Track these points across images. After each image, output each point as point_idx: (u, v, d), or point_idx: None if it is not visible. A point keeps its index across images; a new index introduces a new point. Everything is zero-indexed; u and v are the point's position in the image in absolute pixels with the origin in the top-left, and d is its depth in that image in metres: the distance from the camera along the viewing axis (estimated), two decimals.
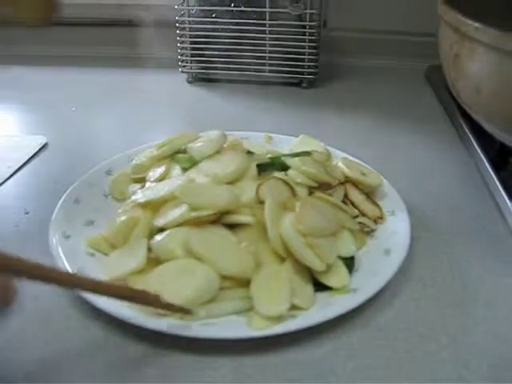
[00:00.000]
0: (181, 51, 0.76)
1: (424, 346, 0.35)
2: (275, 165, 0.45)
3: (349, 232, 0.42)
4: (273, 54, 0.73)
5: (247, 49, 0.73)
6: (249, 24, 0.71)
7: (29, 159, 0.56)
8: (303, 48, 0.72)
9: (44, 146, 0.59)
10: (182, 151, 0.48)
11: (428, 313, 0.37)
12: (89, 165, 0.50)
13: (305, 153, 0.47)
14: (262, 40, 0.72)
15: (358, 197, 0.45)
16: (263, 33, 0.71)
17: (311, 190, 0.43)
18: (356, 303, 0.35)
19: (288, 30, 0.72)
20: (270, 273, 0.36)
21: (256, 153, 0.49)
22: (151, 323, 0.33)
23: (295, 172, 0.44)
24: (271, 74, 0.74)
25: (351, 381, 0.32)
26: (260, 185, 0.41)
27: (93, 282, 0.31)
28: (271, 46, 0.72)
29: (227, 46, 0.73)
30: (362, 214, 0.44)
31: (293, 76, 0.74)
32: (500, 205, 0.48)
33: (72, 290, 0.37)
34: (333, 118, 0.67)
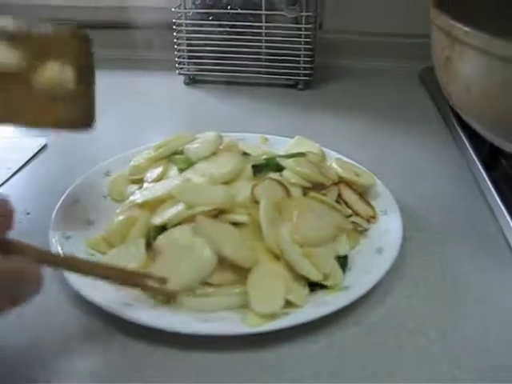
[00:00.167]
0: (178, 53, 0.76)
1: (414, 342, 0.35)
2: (270, 166, 0.46)
3: (343, 232, 0.42)
4: (269, 56, 0.74)
5: (244, 51, 0.73)
6: (245, 26, 0.72)
7: (28, 160, 0.57)
8: (299, 50, 0.73)
9: (43, 148, 0.59)
10: (179, 152, 0.49)
11: (419, 310, 0.38)
12: (88, 166, 0.50)
13: (299, 154, 0.47)
14: (259, 42, 0.73)
15: (352, 197, 0.45)
16: (259, 35, 0.72)
17: (305, 191, 0.44)
18: (349, 300, 0.36)
19: (284, 33, 0.73)
20: (265, 271, 0.37)
21: (252, 154, 0.49)
22: (147, 320, 0.34)
23: (290, 173, 0.44)
24: (267, 76, 0.75)
25: (344, 376, 0.33)
26: (255, 185, 0.41)
27: (80, 262, 0.32)
28: (267, 48, 0.73)
29: (224, 48, 0.74)
30: (356, 214, 0.44)
31: (289, 78, 0.75)
32: (491, 205, 0.49)
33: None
34: (328, 120, 0.67)
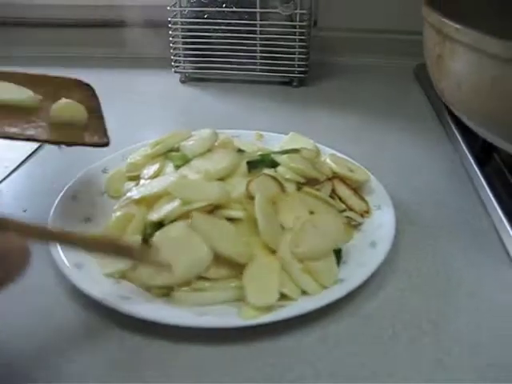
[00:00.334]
0: (174, 51, 0.77)
1: (407, 334, 0.36)
2: (265, 162, 0.46)
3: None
4: (264, 54, 0.74)
5: (239, 49, 0.74)
6: (240, 24, 0.72)
7: (25, 159, 0.57)
8: (293, 47, 0.73)
9: (40, 147, 0.59)
10: (175, 149, 0.49)
11: (412, 302, 0.39)
12: (84, 164, 0.51)
13: (293, 150, 0.48)
14: (253, 40, 0.73)
15: (346, 192, 0.46)
16: (254, 33, 0.73)
17: (300, 186, 0.44)
18: (343, 293, 0.37)
19: (279, 30, 0.73)
20: (261, 265, 0.37)
21: (246, 150, 0.50)
22: (144, 313, 0.34)
23: (284, 168, 0.45)
24: (262, 74, 0.75)
25: (338, 367, 0.34)
26: (250, 181, 0.42)
27: (77, 237, 0.32)
28: (262, 46, 0.74)
29: (219, 46, 0.75)
30: (350, 209, 0.45)
31: (283, 75, 0.75)
32: (483, 200, 0.50)
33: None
34: (323, 116, 0.68)
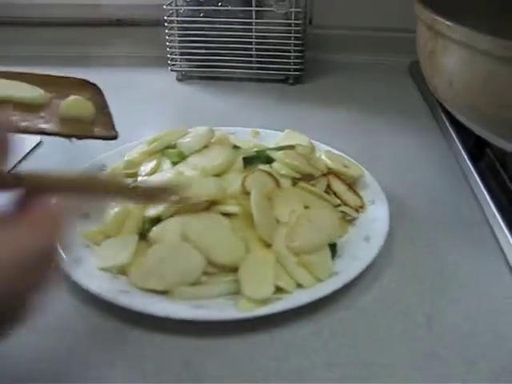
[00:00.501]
0: (170, 50, 0.77)
1: (402, 325, 0.37)
2: (260, 158, 0.47)
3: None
4: (260, 52, 0.75)
5: (235, 47, 0.74)
6: (236, 23, 0.73)
7: (24, 157, 0.57)
8: (289, 45, 0.74)
9: (39, 144, 0.60)
10: (172, 146, 0.50)
11: (406, 295, 0.39)
12: (83, 162, 0.51)
13: (289, 146, 0.49)
14: (249, 38, 0.74)
15: (340, 187, 0.46)
16: (250, 31, 0.73)
17: (295, 181, 0.45)
18: (338, 285, 0.37)
19: (274, 29, 0.74)
20: (257, 258, 0.38)
21: (242, 147, 0.50)
22: (142, 306, 0.35)
23: (279, 164, 0.45)
24: (258, 72, 0.76)
25: (334, 358, 0.34)
26: (246, 177, 0.43)
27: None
28: (258, 44, 0.74)
29: (215, 45, 0.75)
30: (344, 204, 0.45)
31: (279, 73, 0.76)
32: (477, 194, 0.50)
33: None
34: (318, 113, 0.68)
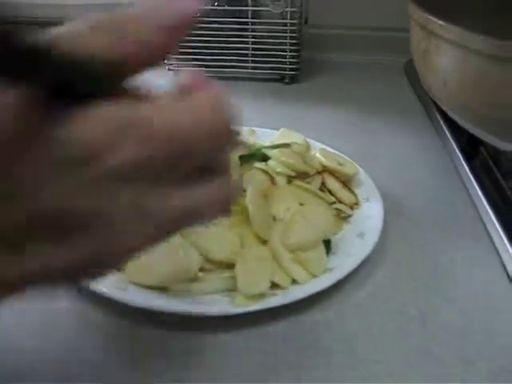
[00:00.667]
0: None
1: (395, 321, 0.37)
2: (256, 156, 0.47)
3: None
4: (256, 52, 0.75)
5: (231, 46, 0.75)
6: (232, 22, 0.73)
7: None
8: (285, 45, 0.74)
9: None
10: None
11: (400, 291, 0.40)
12: None
13: (284, 144, 0.49)
14: (245, 38, 0.74)
15: (335, 185, 0.47)
16: (246, 31, 0.73)
17: (290, 179, 0.45)
18: (332, 281, 0.38)
19: (270, 28, 0.74)
20: (253, 255, 0.38)
21: None
22: (140, 302, 0.35)
23: (275, 162, 0.46)
24: (254, 71, 0.76)
25: (328, 353, 0.35)
26: (242, 175, 0.43)
27: None
28: (254, 44, 0.74)
29: (211, 44, 0.75)
30: (339, 201, 0.46)
31: (275, 72, 0.76)
32: (470, 192, 0.51)
33: None
34: (314, 112, 0.69)
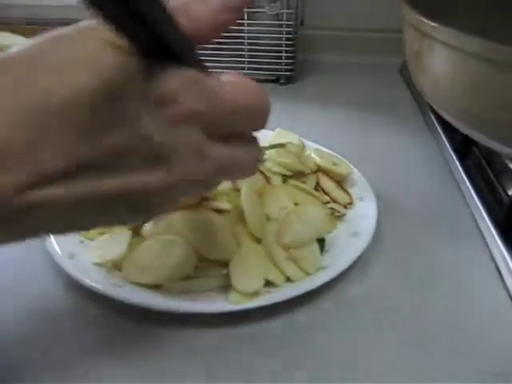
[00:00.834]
0: None
1: (390, 318, 0.38)
2: None
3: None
4: (251, 52, 0.75)
5: (227, 47, 0.75)
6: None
7: None
8: (280, 46, 0.75)
9: None
10: None
11: (394, 289, 0.40)
12: None
13: (280, 145, 0.49)
14: (241, 39, 0.74)
15: (329, 184, 0.47)
16: (242, 32, 0.74)
17: (285, 178, 0.46)
18: (326, 279, 0.38)
19: (266, 29, 0.75)
20: (247, 253, 0.39)
21: None
22: (135, 299, 0.36)
23: (270, 162, 0.46)
24: (250, 72, 0.76)
25: (322, 350, 0.35)
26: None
27: None
28: (250, 45, 0.75)
29: (208, 46, 0.76)
30: (333, 201, 0.46)
31: (271, 73, 0.77)
32: (463, 191, 0.51)
33: None
34: (309, 113, 0.69)
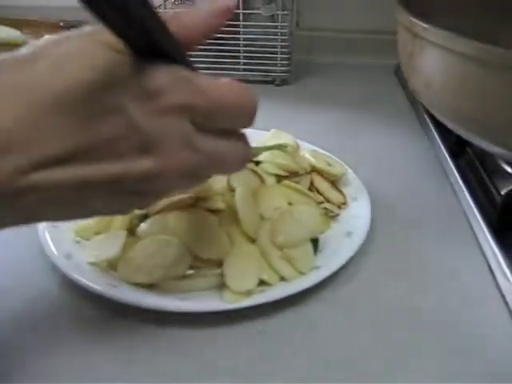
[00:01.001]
0: None
1: (381, 316, 0.38)
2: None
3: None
4: (247, 54, 0.76)
5: (222, 49, 0.76)
6: (223, 25, 0.74)
7: None
8: (276, 47, 0.75)
9: None
10: None
11: (386, 289, 0.41)
12: None
13: (275, 146, 0.50)
14: (237, 40, 0.75)
15: (323, 185, 0.48)
16: (237, 33, 0.74)
17: (280, 179, 0.46)
18: (319, 278, 0.39)
19: (261, 31, 0.75)
20: (241, 252, 0.39)
21: None
22: (131, 299, 0.36)
23: (266, 163, 0.47)
24: (245, 73, 0.77)
25: (314, 348, 0.36)
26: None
27: None
28: (245, 46, 0.75)
29: (203, 47, 0.76)
30: (327, 201, 0.47)
31: (266, 74, 0.77)
32: (456, 191, 0.52)
33: None
34: (304, 114, 0.70)
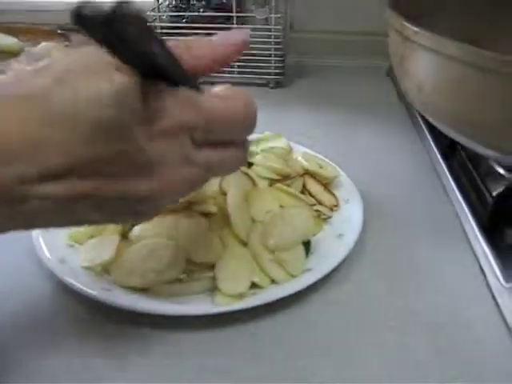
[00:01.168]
0: None
1: (373, 317, 0.38)
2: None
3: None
4: (241, 57, 0.76)
5: None
6: (217, 28, 0.74)
7: None
8: (269, 50, 0.75)
9: None
10: None
11: (378, 290, 0.41)
12: None
13: (267, 148, 0.50)
14: None
15: (316, 187, 0.48)
16: None
17: (272, 182, 0.46)
18: (310, 281, 0.39)
19: (255, 34, 0.75)
20: (233, 255, 0.39)
21: None
22: (124, 303, 0.36)
23: (258, 166, 0.47)
24: (240, 76, 0.77)
25: (306, 348, 0.36)
26: (223, 178, 0.44)
27: None
28: None
29: None
30: (319, 203, 0.47)
31: (260, 77, 0.77)
32: (448, 192, 0.52)
33: None
34: (298, 116, 0.70)
